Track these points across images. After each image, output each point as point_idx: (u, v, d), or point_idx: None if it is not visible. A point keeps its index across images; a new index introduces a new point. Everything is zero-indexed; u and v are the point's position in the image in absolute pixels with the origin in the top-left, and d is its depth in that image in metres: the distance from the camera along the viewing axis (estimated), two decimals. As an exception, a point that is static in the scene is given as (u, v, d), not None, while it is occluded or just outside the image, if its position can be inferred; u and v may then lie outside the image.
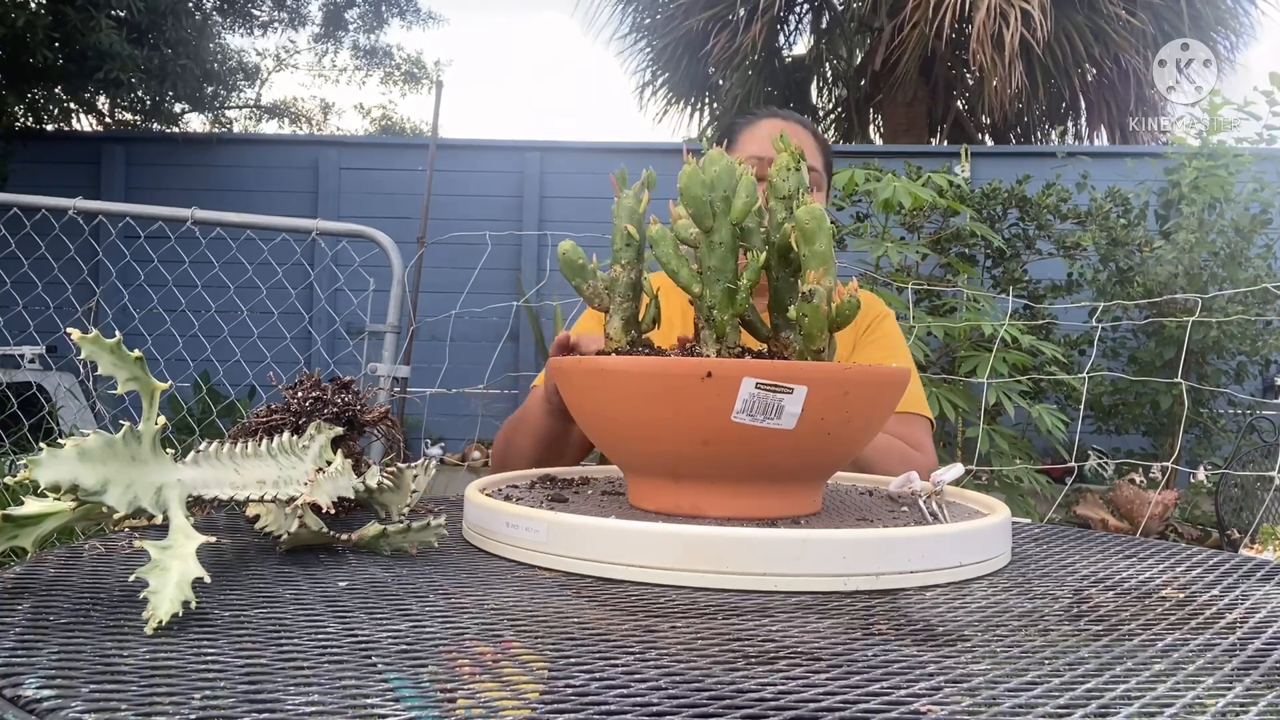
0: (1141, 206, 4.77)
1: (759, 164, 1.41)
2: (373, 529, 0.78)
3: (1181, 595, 0.73)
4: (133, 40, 5.83)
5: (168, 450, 0.68)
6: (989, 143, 8.90)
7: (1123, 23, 7.15)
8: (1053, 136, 9.08)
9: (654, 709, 0.46)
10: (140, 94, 6.53)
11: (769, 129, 1.45)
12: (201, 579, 0.59)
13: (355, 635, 0.56)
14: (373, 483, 0.85)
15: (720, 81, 8.89)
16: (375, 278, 3.02)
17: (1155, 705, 0.49)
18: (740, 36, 7.83)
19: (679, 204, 0.84)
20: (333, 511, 0.81)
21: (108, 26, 5.48)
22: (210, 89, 7.10)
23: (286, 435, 0.82)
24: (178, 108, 7.18)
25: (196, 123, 8.02)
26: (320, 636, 0.56)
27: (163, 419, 0.67)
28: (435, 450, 6.27)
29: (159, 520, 0.64)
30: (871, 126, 9.11)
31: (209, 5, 7.35)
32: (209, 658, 0.51)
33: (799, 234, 0.82)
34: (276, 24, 8.46)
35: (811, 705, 0.47)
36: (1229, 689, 0.52)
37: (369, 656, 0.52)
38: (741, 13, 7.90)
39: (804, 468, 0.84)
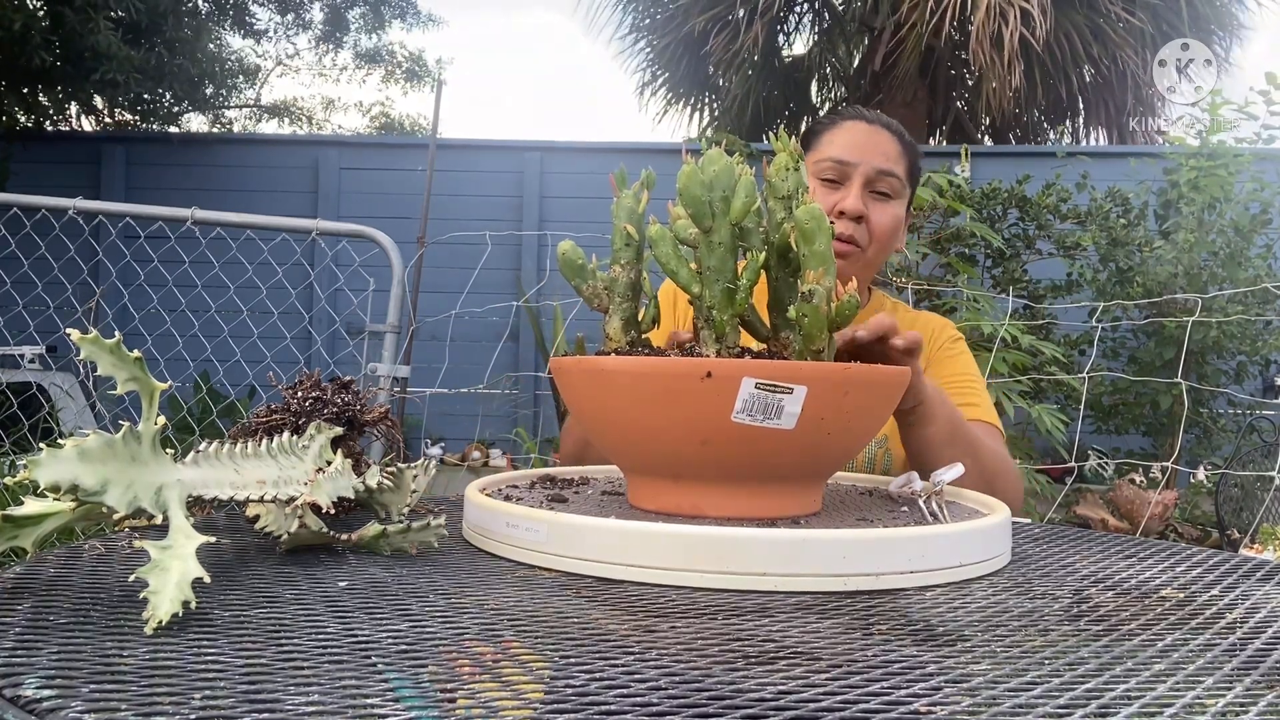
0: (1141, 206, 4.77)
1: (836, 167, 1.38)
2: (373, 529, 0.78)
3: (1181, 595, 0.73)
4: (130, 41, 5.82)
5: (168, 450, 0.68)
6: (988, 143, 8.90)
7: (1122, 22, 7.15)
8: (1052, 136, 9.08)
9: (654, 709, 0.46)
10: (137, 94, 6.52)
11: (850, 132, 1.41)
12: (201, 579, 0.59)
13: (355, 635, 0.56)
14: (373, 483, 0.85)
15: (721, 81, 8.89)
16: (375, 278, 3.02)
17: (1155, 705, 0.49)
18: (740, 37, 7.83)
19: (678, 204, 0.84)
20: (333, 511, 0.81)
21: (105, 28, 5.47)
22: (209, 89, 7.09)
23: (286, 435, 0.82)
24: (176, 108, 7.17)
25: (197, 123, 8.03)
26: (320, 636, 0.56)
27: (163, 419, 0.67)
28: (435, 450, 6.28)
29: (159, 520, 0.64)
30: (871, 126, 9.10)
31: (207, 7, 7.35)
32: (209, 658, 0.51)
33: (798, 234, 0.82)
34: (275, 31, 8.46)
35: (811, 705, 0.47)
36: (1229, 689, 0.52)
37: (369, 656, 0.52)
38: (741, 13, 7.90)
39: (804, 468, 0.84)
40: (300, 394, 0.94)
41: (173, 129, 7.32)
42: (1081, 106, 8.28)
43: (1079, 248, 4.60)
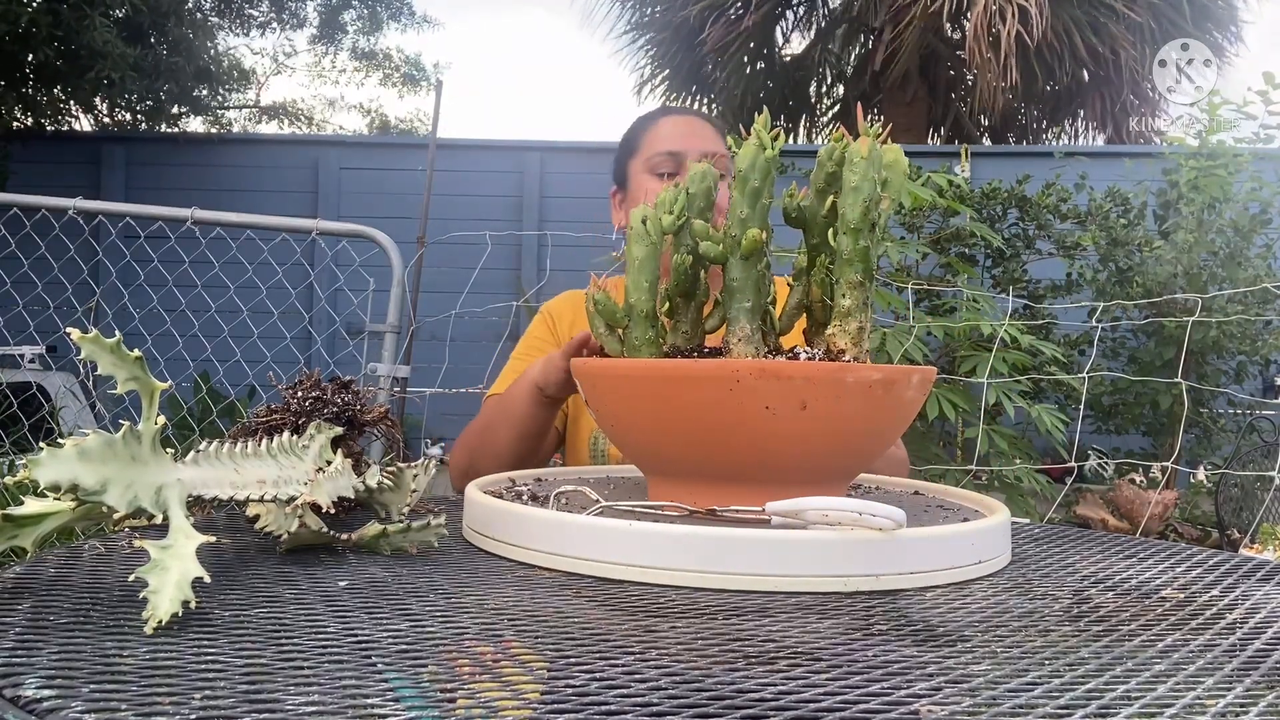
0: (1140, 206, 4.77)
1: (671, 160, 1.46)
2: (373, 529, 0.78)
3: (1181, 595, 0.73)
4: (126, 39, 5.82)
5: (168, 450, 0.68)
6: (988, 143, 8.91)
7: (1121, 17, 7.15)
8: (1050, 136, 9.09)
9: (654, 709, 0.46)
10: (134, 94, 6.51)
11: (674, 125, 1.51)
12: (201, 579, 0.59)
13: (355, 635, 0.56)
14: (373, 483, 0.85)
15: (720, 79, 8.89)
16: (375, 278, 3.01)
17: (1155, 706, 0.49)
18: (736, 28, 7.84)
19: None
20: (333, 511, 0.81)
21: (102, 25, 5.46)
22: (204, 89, 7.09)
23: (286, 435, 0.82)
24: (174, 109, 7.17)
25: (196, 123, 8.03)
26: (320, 636, 0.56)
27: (163, 419, 0.67)
28: (435, 450, 6.27)
29: (159, 520, 0.64)
30: (871, 126, 9.11)
31: (206, 5, 7.35)
32: (209, 658, 0.51)
33: None
34: (274, 26, 8.46)
35: (811, 705, 0.47)
36: (1229, 689, 0.52)
37: (369, 656, 0.52)
38: (738, 5, 7.92)
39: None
40: (300, 394, 0.94)
41: (173, 129, 7.32)
42: (1081, 104, 8.29)
43: (1079, 248, 4.60)
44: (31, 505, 0.63)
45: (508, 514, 0.79)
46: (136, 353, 0.66)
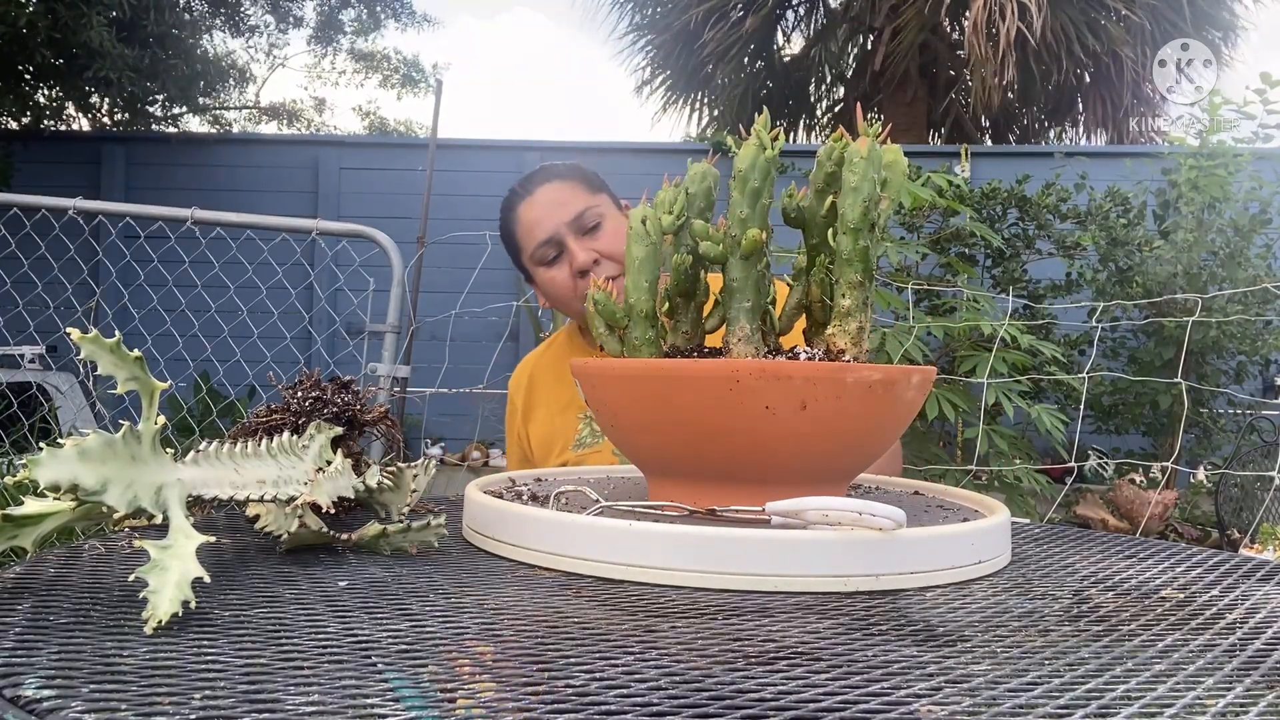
0: (1140, 206, 4.77)
1: (551, 246, 1.42)
2: (373, 529, 0.78)
3: (1181, 595, 0.73)
4: (123, 38, 5.81)
5: (168, 450, 0.68)
6: (988, 142, 8.91)
7: (1120, 17, 7.16)
8: (1050, 136, 9.09)
9: (654, 709, 0.46)
10: (130, 93, 6.51)
11: (528, 214, 1.45)
12: (201, 579, 0.59)
13: (355, 635, 0.56)
14: (373, 483, 0.85)
15: (720, 79, 8.90)
16: (375, 278, 3.02)
17: (1155, 705, 0.49)
18: (736, 30, 7.85)
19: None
20: (333, 511, 0.81)
21: (98, 24, 5.46)
22: (201, 88, 7.08)
23: (286, 435, 0.82)
24: (174, 110, 7.17)
25: (196, 123, 8.03)
26: (320, 636, 0.56)
27: (163, 419, 0.67)
28: (435, 450, 6.28)
29: (159, 520, 0.64)
30: (871, 126, 9.12)
31: (201, 5, 7.35)
32: (209, 658, 0.51)
33: None
34: (264, 29, 8.45)
35: (811, 705, 0.47)
36: (1229, 689, 0.52)
37: (369, 656, 0.52)
38: (739, 7, 7.92)
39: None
40: (300, 394, 0.94)
41: (172, 129, 7.32)
42: (1081, 105, 8.29)
43: (1079, 248, 4.60)
44: (31, 505, 0.63)
45: (508, 514, 0.79)
46: (136, 353, 0.66)
